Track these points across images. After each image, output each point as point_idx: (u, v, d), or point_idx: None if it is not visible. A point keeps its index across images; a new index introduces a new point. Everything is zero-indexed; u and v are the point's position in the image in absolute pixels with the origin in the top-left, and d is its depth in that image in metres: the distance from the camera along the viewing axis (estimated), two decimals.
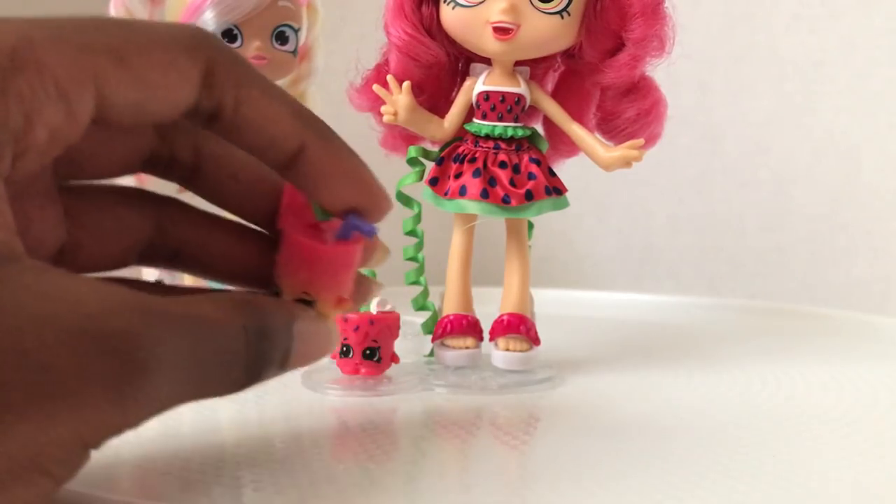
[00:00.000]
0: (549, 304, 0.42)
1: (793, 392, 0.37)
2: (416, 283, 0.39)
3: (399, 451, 0.28)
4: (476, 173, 0.36)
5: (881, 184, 0.74)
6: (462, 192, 0.36)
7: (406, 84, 0.37)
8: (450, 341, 0.37)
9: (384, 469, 0.26)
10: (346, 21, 0.66)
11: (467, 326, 0.38)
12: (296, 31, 0.47)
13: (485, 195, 0.36)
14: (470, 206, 0.36)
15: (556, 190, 0.37)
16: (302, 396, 0.35)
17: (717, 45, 0.78)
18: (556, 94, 0.39)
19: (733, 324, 0.56)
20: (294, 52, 0.47)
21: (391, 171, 0.40)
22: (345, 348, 0.35)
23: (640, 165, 0.36)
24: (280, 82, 0.51)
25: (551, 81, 0.40)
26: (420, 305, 0.39)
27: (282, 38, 0.46)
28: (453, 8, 0.35)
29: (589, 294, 0.65)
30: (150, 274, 0.51)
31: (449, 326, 0.37)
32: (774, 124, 0.77)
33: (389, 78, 0.37)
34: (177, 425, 0.33)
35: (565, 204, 0.37)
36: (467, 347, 0.37)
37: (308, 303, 0.24)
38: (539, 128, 0.40)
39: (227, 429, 0.32)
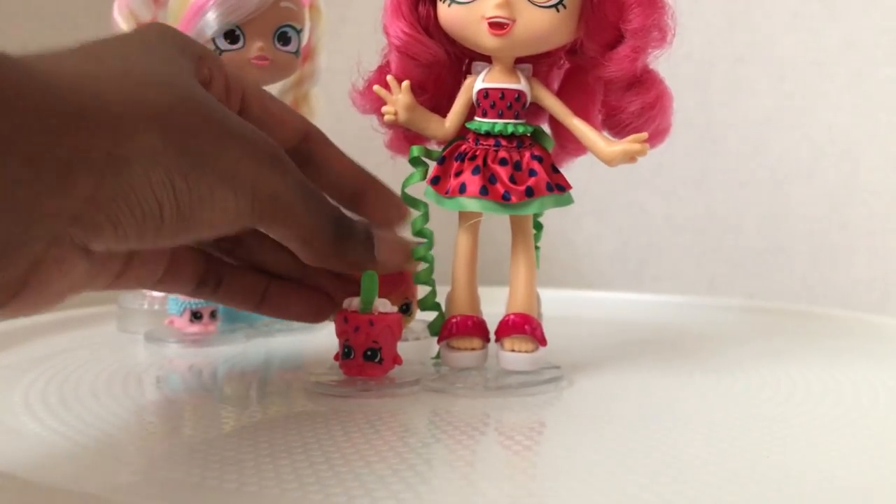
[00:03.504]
0: (549, 304, 0.41)
1: (792, 392, 0.37)
2: (426, 283, 0.39)
3: (403, 452, 0.28)
4: (475, 170, 0.36)
5: (880, 184, 0.74)
6: (462, 189, 0.36)
7: (405, 83, 0.36)
8: (456, 342, 0.37)
9: (388, 470, 0.26)
10: (346, 22, 0.66)
11: (473, 327, 0.37)
12: (298, 32, 0.47)
13: (484, 192, 0.35)
14: (470, 203, 0.36)
15: (558, 186, 0.36)
16: (305, 398, 0.35)
17: (717, 45, 0.78)
18: (562, 92, 0.39)
19: (733, 324, 0.56)
20: (296, 53, 0.47)
21: (397, 172, 0.40)
22: (346, 350, 0.35)
23: (640, 165, 0.36)
24: (283, 83, 0.51)
25: (557, 79, 0.40)
26: (429, 305, 0.39)
27: (284, 38, 0.46)
28: (449, 5, 0.35)
29: (589, 294, 0.65)
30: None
31: (455, 328, 0.37)
32: (774, 124, 0.77)
33: (389, 78, 0.37)
34: (180, 426, 0.33)
35: (569, 201, 0.37)
36: (473, 349, 0.37)
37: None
38: (547, 127, 0.39)
39: (230, 430, 0.32)
